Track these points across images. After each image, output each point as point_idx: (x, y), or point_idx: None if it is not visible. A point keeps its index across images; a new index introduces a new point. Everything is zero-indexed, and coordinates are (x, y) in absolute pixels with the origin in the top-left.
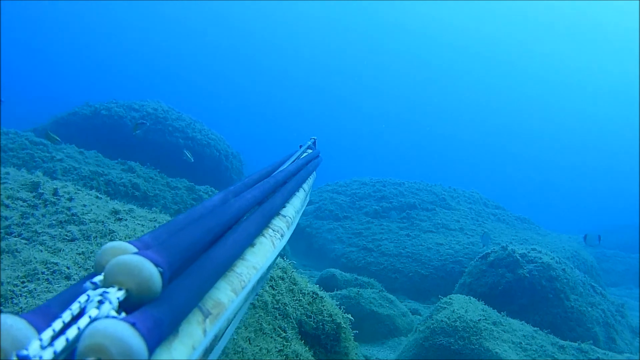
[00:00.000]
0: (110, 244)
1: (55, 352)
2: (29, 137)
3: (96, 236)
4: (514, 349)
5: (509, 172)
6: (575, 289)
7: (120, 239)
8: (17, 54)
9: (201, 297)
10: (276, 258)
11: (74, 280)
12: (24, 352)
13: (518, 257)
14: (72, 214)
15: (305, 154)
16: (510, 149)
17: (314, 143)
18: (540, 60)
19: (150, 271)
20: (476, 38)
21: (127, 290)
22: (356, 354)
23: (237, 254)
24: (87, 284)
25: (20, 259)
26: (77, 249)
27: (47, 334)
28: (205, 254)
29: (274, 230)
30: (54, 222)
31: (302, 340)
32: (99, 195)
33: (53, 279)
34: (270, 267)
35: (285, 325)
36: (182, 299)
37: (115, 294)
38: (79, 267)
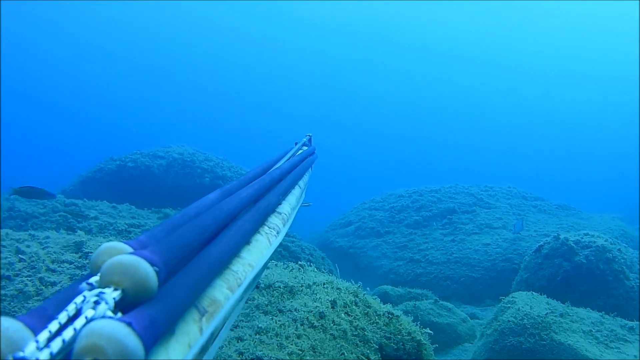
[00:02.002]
0: (106, 245)
1: (51, 353)
2: (59, 199)
3: None
4: (586, 337)
5: (518, 165)
6: (632, 268)
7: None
8: (17, 54)
9: (197, 295)
10: (272, 255)
11: None
12: (20, 354)
13: (572, 245)
14: None
15: (300, 151)
16: (521, 141)
17: (310, 140)
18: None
19: (146, 270)
20: (476, 35)
21: (123, 290)
22: None
23: (233, 252)
24: (83, 284)
25: None
26: None
27: (44, 335)
28: (201, 252)
29: (270, 228)
30: None
31: None
32: None
33: None
34: (266, 265)
35: (368, 351)
36: (178, 298)
37: (112, 294)
38: None
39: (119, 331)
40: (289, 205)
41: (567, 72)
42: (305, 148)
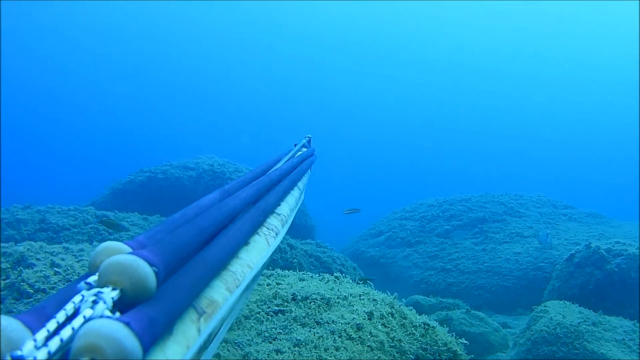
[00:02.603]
0: (104, 244)
1: (49, 353)
2: (91, 211)
3: None
4: (618, 346)
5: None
6: None
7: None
8: (18, 54)
9: (196, 296)
10: (271, 256)
11: None
12: (18, 353)
13: (604, 253)
14: None
15: (300, 152)
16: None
17: (309, 141)
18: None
19: (144, 270)
20: (478, 39)
21: (121, 290)
22: None
23: (232, 253)
24: (82, 284)
25: None
26: None
27: (42, 334)
28: (199, 253)
29: (268, 229)
30: None
31: None
32: None
33: None
34: (264, 266)
35: None
36: (176, 298)
37: (110, 294)
38: None
39: (117, 331)
40: (287, 207)
41: (583, 74)
42: (304, 149)
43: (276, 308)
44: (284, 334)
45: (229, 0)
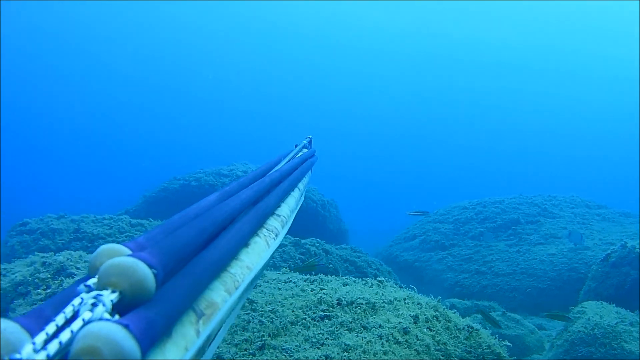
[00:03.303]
0: (104, 247)
1: (48, 355)
2: (125, 220)
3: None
4: None
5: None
6: None
7: (263, 306)
8: (18, 54)
9: (195, 298)
10: (270, 258)
11: (226, 359)
12: (17, 356)
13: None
14: None
15: (300, 153)
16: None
17: (310, 142)
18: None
19: (143, 272)
20: (479, 38)
21: (120, 292)
22: None
23: (231, 254)
24: (81, 286)
25: None
26: None
27: (41, 337)
28: (199, 254)
29: (268, 230)
30: None
31: None
32: None
33: None
34: (264, 267)
35: None
36: (175, 300)
37: (109, 296)
38: (228, 344)
39: (115, 333)
40: (288, 208)
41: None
42: (305, 150)
43: (322, 313)
44: (331, 339)
45: (236, 1)
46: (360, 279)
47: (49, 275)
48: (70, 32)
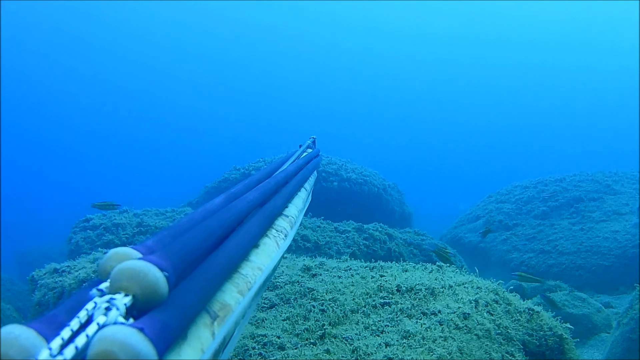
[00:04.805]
0: (114, 250)
1: None
2: (187, 211)
3: (296, 297)
4: None
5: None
6: None
7: (323, 295)
8: (18, 55)
9: (208, 299)
10: (281, 258)
11: (288, 348)
12: None
13: None
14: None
15: (305, 154)
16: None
17: (314, 142)
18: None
19: (155, 276)
20: (479, 32)
21: (133, 296)
22: None
23: (242, 256)
24: (94, 291)
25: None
26: (280, 316)
27: (56, 342)
28: (209, 256)
29: (277, 231)
30: None
31: None
32: (285, 255)
33: (266, 351)
34: (275, 268)
35: (512, 349)
36: (188, 303)
37: (122, 300)
38: (289, 334)
39: (131, 337)
40: (295, 208)
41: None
42: (309, 150)
43: (381, 300)
44: (391, 327)
45: (247, 1)
46: (420, 264)
47: None
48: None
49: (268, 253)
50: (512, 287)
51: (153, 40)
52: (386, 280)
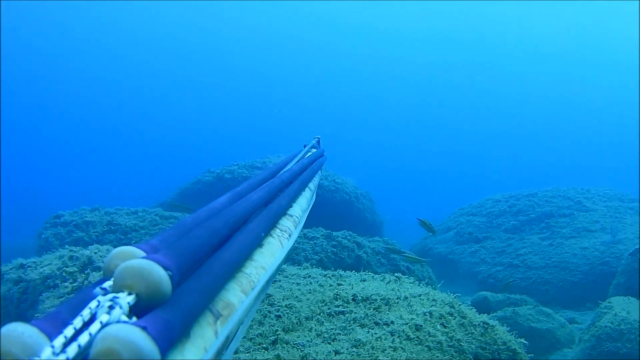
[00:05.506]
0: (118, 249)
1: (67, 358)
2: (158, 212)
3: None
4: None
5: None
6: None
7: (280, 301)
8: (18, 54)
9: (211, 298)
10: (285, 258)
11: (240, 352)
12: (36, 359)
13: None
14: None
15: (309, 153)
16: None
17: (318, 142)
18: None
19: (159, 274)
20: (481, 33)
21: (137, 295)
22: None
23: (246, 255)
24: (97, 289)
25: None
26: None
27: (59, 340)
28: (213, 255)
29: (281, 230)
30: None
31: None
32: None
33: None
34: (279, 267)
35: None
36: (192, 301)
37: (126, 299)
38: (243, 338)
39: (134, 335)
40: (299, 208)
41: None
42: (314, 150)
43: (337, 309)
44: (343, 335)
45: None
46: (380, 275)
47: (77, 269)
48: (94, 28)
49: (272, 252)
50: (478, 299)
51: (147, 39)
52: (343, 289)
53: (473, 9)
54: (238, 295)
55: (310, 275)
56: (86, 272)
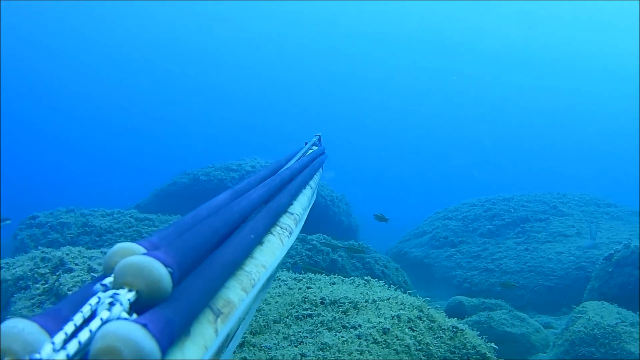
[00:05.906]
0: (118, 245)
1: (68, 355)
2: (134, 214)
3: None
4: None
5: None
6: None
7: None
8: (18, 54)
9: (211, 296)
10: (285, 256)
11: None
12: (37, 356)
13: None
14: None
15: (310, 151)
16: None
17: (320, 140)
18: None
19: (159, 271)
20: (480, 34)
21: (137, 292)
22: None
23: (246, 253)
24: (97, 286)
25: None
26: None
27: (59, 337)
28: (213, 253)
29: (282, 228)
30: None
31: None
32: None
33: None
34: (279, 265)
35: None
36: (192, 299)
37: (126, 296)
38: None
39: (134, 333)
40: (300, 206)
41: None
42: (315, 148)
43: (304, 312)
44: (310, 338)
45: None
46: (350, 278)
47: (48, 271)
48: (79, 28)
49: (272, 250)
50: (453, 304)
51: (146, 38)
52: (312, 292)
53: (458, 12)
54: (238, 294)
55: (279, 278)
56: (57, 273)
